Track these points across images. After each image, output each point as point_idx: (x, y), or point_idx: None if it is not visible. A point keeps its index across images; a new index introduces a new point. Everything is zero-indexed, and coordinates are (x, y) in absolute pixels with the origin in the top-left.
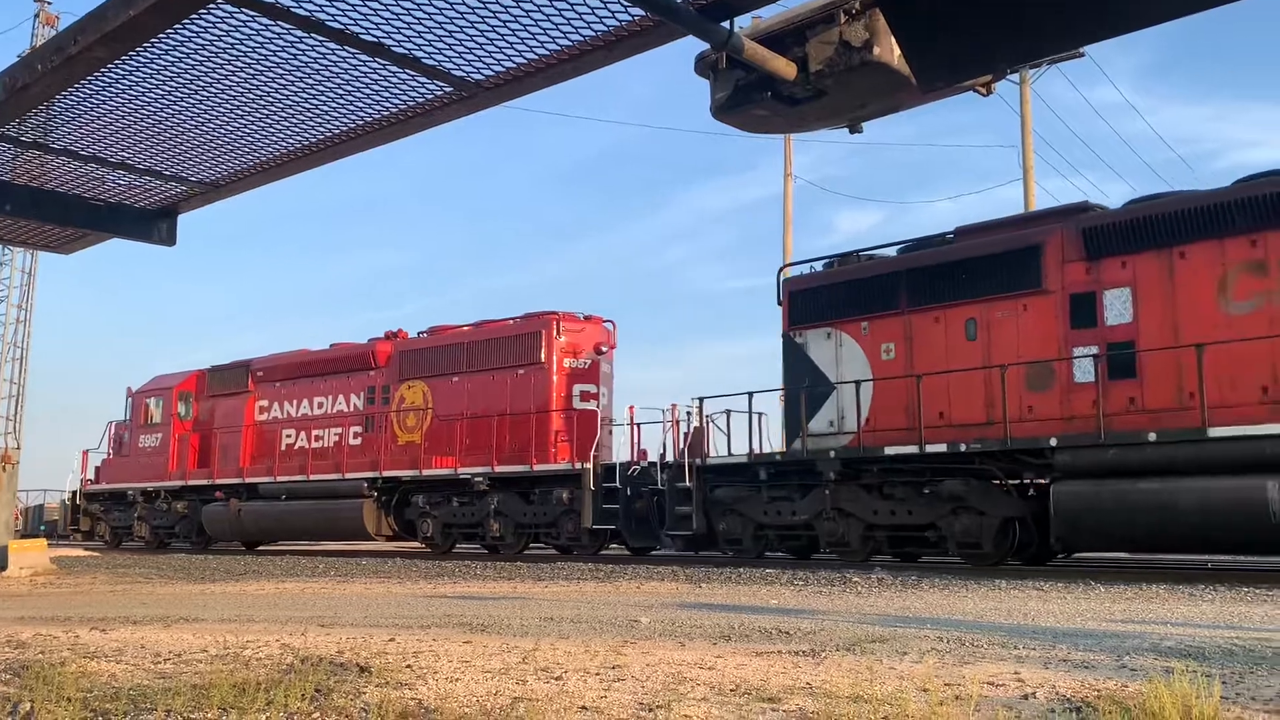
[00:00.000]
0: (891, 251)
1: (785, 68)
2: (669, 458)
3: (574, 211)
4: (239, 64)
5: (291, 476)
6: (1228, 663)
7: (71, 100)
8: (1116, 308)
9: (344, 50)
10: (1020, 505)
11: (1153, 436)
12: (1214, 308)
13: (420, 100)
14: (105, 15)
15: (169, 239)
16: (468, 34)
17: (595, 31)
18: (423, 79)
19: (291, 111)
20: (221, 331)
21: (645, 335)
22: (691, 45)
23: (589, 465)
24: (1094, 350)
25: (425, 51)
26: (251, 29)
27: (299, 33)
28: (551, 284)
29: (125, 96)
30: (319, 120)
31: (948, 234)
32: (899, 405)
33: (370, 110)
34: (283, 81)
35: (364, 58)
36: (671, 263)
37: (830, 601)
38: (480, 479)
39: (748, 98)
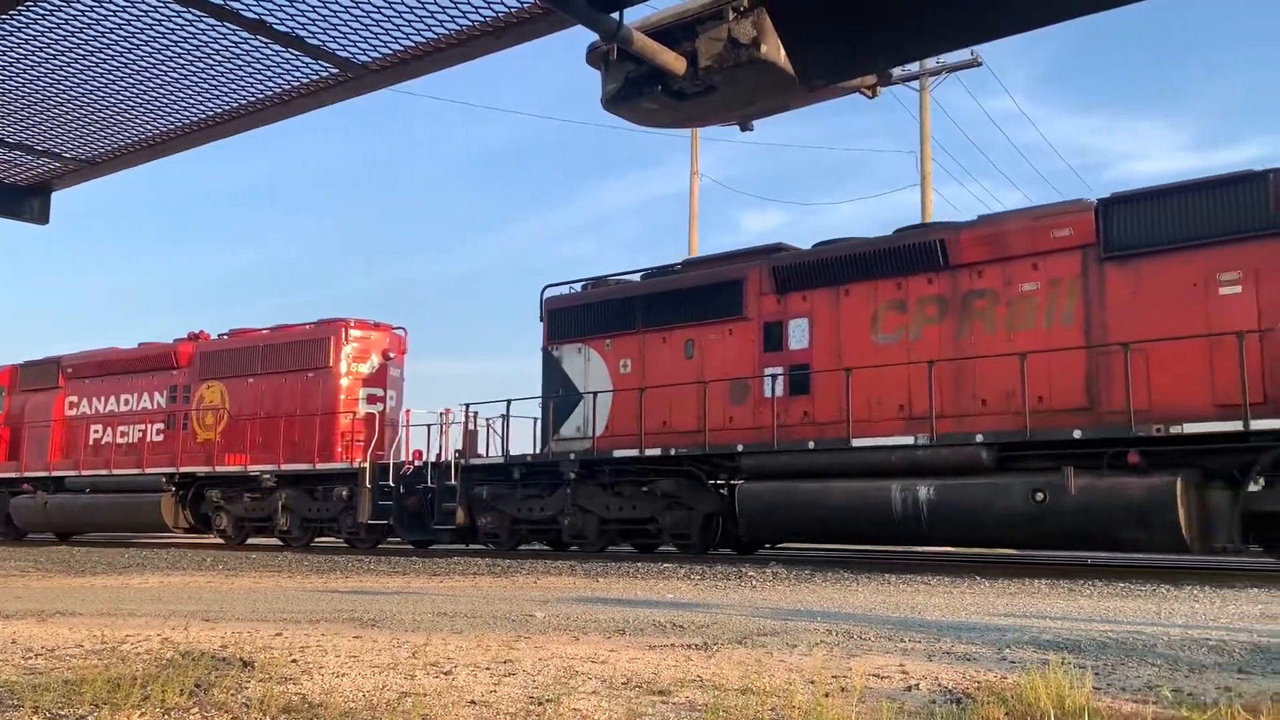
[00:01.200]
0: (637, 278)
1: (675, 62)
2: (445, 458)
3: (479, 204)
4: (113, 36)
5: (96, 470)
6: (1101, 655)
7: None
8: (798, 335)
9: (223, 26)
10: (719, 502)
11: (812, 445)
12: (867, 338)
13: (304, 80)
14: None
15: (41, 217)
16: (352, 14)
17: (484, 16)
18: (306, 59)
19: (170, 88)
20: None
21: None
22: (589, 35)
23: (365, 464)
24: (779, 370)
25: (309, 30)
26: (126, 0)
27: (176, 6)
28: (457, 277)
29: None
30: (199, 98)
31: (677, 265)
32: (632, 414)
33: (252, 89)
34: (160, 56)
35: (244, 35)
36: (578, 255)
37: (725, 595)
38: (268, 476)
39: (638, 90)
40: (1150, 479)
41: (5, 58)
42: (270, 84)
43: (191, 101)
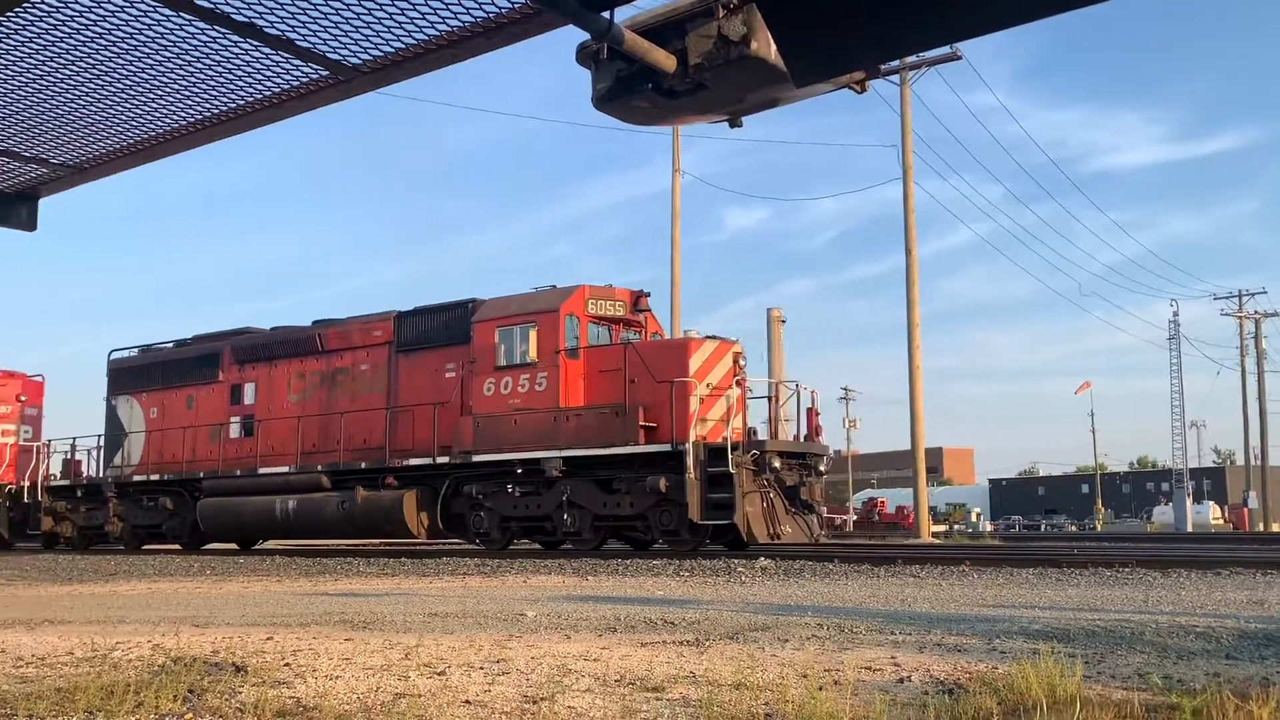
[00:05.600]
0: (171, 345)
1: (665, 60)
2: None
3: (463, 204)
4: (103, 41)
5: None
6: (1090, 643)
7: None
8: (250, 395)
9: (214, 30)
10: (194, 512)
11: (239, 473)
12: (285, 399)
13: (295, 83)
14: None
15: (29, 224)
16: (342, 16)
17: (475, 17)
18: (297, 61)
19: (159, 92)
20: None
21: None
22: (578, 34)
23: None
24: (239, 419)
25: (299, 33)
26: (115, 5)
27: (166, 10)
28: (437, 275)
29: None
30: (188, 102)
31: (188, 339)
32: (156, 450)
33: (242, 93)
34: (150, 60)
35: (235, 38)
36: (558, 257)
37: (715, 591)
38: None
39: (628, 89)
40: (396, 493)
41: None
42: (261, 87)
43: (181, 105)
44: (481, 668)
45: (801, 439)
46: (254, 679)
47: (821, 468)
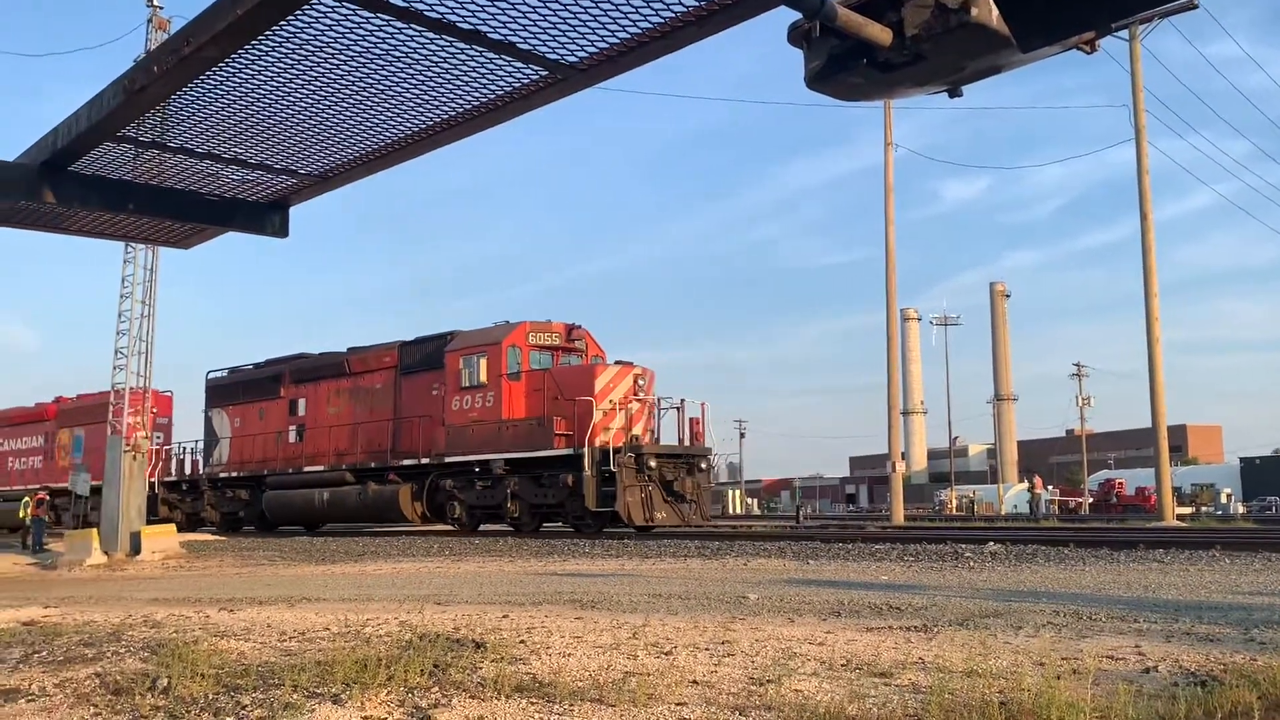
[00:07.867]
0: (250, 367)
1: (880, 34)
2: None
3: (665, 193)
4: (341, 57)
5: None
6: None
7: (186, 100)
8: (303, 408)
9: (442, 39)
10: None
11: (290, 471)
12: (326, 411)
13: (517, 85)
14: (214, 16)
15: (282, 230)
16: (561, 17)
17: (686, 6)
18: (519, 64)
19: (393, 102)
20: (325, 322)
21: (736, 314)
22: (783, 16)
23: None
24: (295, 427)
25: (520, 36)
26: (352, 22)
27: (398, 24)
28: (640, 266)
29: (236, 94)
30: (420, 109)
31: (262, 362)
32: (238, 452)
33: (469, 97)
34: (384, 73)
35: (461, 45)
36: (763, 239)
37: (941, 577)
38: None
39: (842, 66)
40: (395, 487)
41: (245, 86)
42: (486, 90)
43: (413, 113)
44: (707, 649)
45: (688, 443)
46: (492, 655)
47: (703, 466)
